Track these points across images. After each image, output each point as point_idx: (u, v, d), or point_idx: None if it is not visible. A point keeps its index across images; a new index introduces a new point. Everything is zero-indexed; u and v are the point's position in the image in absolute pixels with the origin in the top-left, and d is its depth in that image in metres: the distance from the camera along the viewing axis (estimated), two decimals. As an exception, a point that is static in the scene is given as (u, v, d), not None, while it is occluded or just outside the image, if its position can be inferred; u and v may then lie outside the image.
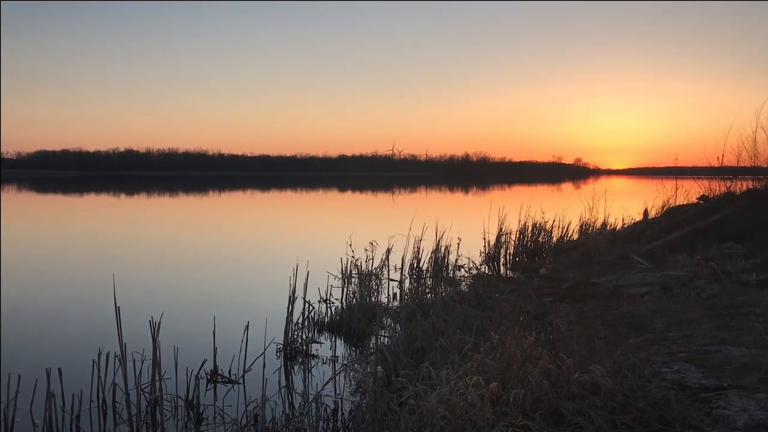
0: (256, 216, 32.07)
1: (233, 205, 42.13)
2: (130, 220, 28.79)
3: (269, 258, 16.29)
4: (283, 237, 21.57)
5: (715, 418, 4.44)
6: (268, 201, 47.35)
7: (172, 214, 33.51)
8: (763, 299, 7.77)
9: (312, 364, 7.43)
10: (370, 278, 10.24)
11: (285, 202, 45.48)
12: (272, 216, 31.99)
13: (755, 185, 14.37)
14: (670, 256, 11.39)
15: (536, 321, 7.49)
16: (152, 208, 38.02)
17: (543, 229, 17.14)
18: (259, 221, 28.63)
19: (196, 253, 17.14)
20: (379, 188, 71.03)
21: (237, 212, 34.97)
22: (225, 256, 16.67)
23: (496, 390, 4.26)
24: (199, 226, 26.08)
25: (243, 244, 19.35)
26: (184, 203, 42.97)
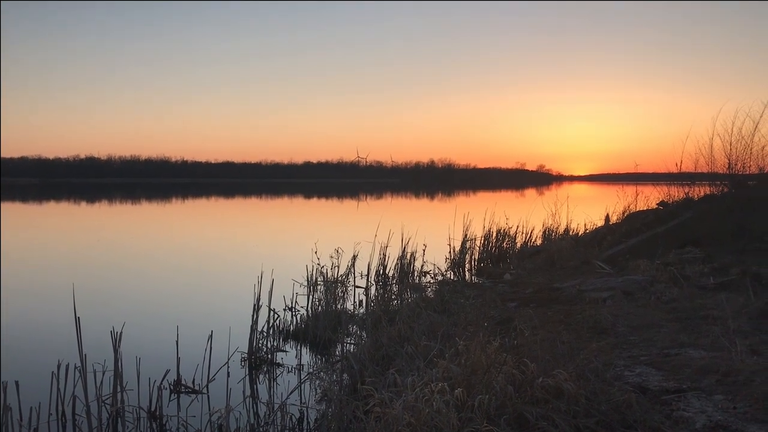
0: (220, 223, 31.75)
1: (197, 212, 41.65)
2: (91, 228, 28.24)
3: (233, 266, 16.14)
4: (248, 245, 21.38)
5: (675, 420, 4.53)
6: (232, 208, 46.92)
7: (134, 222, 32.99)
8: (721, 303, 7.95)
9: (277, 373, 7.37)
10: (335, 285, 10.22)
11: (249, 210, 45.13)
12: (236, 223, 31.70)
13: (712, 191, 14.71)
14: (631, 260, 11.58)
15: (501, 326, 7.55)
16: (114, 216, 37.36)
17: (507, 235, 17.32)
18: (223, 229, 28.34)
19: (159, 262, 16.89)
20: (345, 195, 70.99)
21: (200, 220, 34.59)
22: (188, 264, 16.47)
23: (461, 396, 4.28)
24: (162, 234, 25.72)
25: (206, 252, 19.13)
26: (147, 211, 42.34)
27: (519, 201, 50.99)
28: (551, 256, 14.07)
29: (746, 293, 8.27)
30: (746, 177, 14.28)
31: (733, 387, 5.10)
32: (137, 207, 46.60)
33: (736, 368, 5.44)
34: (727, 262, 10.21)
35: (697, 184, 15.22)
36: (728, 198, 13.58)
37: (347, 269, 11.15)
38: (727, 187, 14.24)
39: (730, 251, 10.84)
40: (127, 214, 39.25)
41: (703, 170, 14.90)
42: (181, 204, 51.06)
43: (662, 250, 11.76)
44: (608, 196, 21.14)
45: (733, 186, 14.07)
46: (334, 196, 68.67)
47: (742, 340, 6.32)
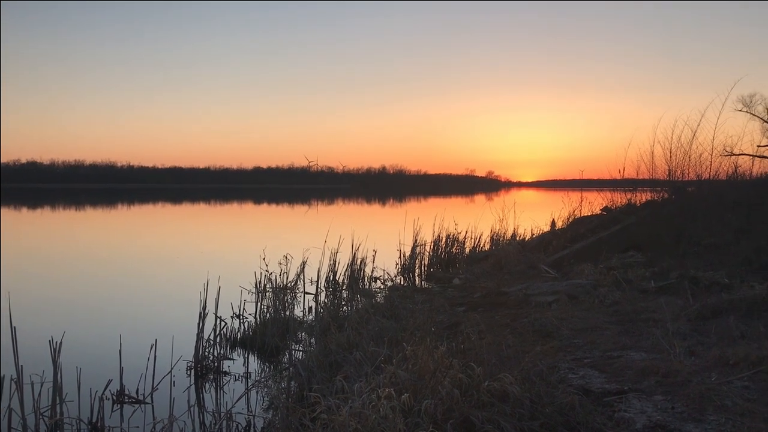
0: (167, 230, 31.17)
1: (143, 218, 40.77)
2: (30, 234, 27.32)
3: (179, 273, 15.84)
4: (195, 251, 21.02)
5: (617, 421, 4.63)
6: (179, 214, 46.11)
7: (77, 228, 32.07)
8: (661, 306, 8.18)
9: (224, 382, 7.26)
10: (284, 292, 10.12)
11: (197, 216, 44.40)
12: (183, 230, 31.17)
13: (654, 197, 15.18)
14: (576, 265, 11.82)
15: (449, 331, 7.61)
16: (55, 222, 36.24)
17: (456, 240, 17.48)
18: (170, 235, 27.82)
19: (102, 269, 16.45)
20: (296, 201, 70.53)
21: (147, 226, 33.87)
22: (133, 271, 16.10)
23: (407, 401, 4.29)
24: (106, 240, 25.08)
25: (152, 259, 18.74)
26: (91, 217, 41.21)
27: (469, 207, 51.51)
28: (499, 260, 14.25)
29: (685, 296, 8.54)
30: (685, 183, 14.78)
31: (671, 387, 5.25)
32: (81, 213, 45.33)
33: (675, 369, 5.61)
34: (667, 266, 10.52)
35: (639, 191, 15.69)
36: (668, 204, 14.02)
37: (296, 275, 11.06)
38: (667, 193, 14.72)
39: (670, 255, 11.17)
40: (70, 220, 38.13)
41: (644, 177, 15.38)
42: (126, 210, 49.92)
43: (606, 255, 12.05)
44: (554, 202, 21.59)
45: (673, 192, 14.53)
46: (284, 201, 68.15)
47: (680, 341, 6.53)
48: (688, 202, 13.59)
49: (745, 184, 14.64)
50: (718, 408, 4.73)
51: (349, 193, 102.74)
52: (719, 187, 14.21)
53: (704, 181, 14.51)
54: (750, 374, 5.39)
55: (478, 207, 25.90)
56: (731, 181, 14.81)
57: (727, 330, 6.79)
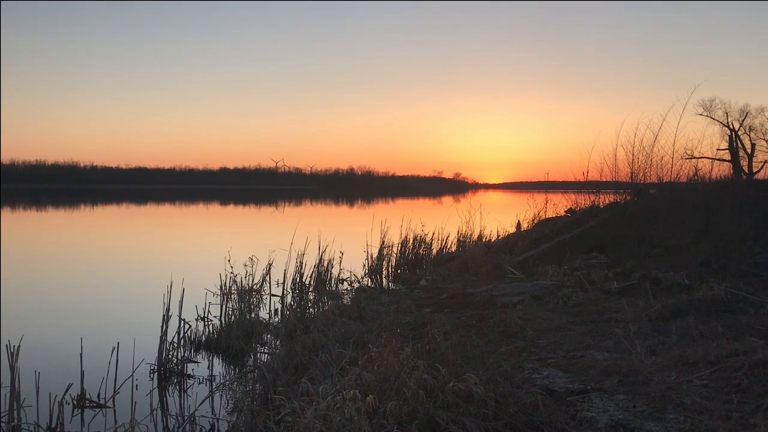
0: (130, 231, 30.69)
1: (106, 219, 40.08)
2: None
3: (143, 275, 15.61)
4: (159, 253, 20.74)
5: (580, 420, 4.70)
6: (143, 215, 45.44)
7: (38, 229, 31.38)
8: (623, 306, 8.32)
9: (188, 385, 7.18)
10: (250, 294, 10.04)
11: (162, 217, 43.81)
12: (147, 231, 30.73)
13: (616, 199, 15.45)
14: (541, 266, 11.96)
15: (415, 332, 7.63)
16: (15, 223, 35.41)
17: (423, 242, 17.55)
18: (134, 236, 27.40)
19: (64, 271, 16.14)
20: (263, 202, 70.04)
21: (110, 227, 33.31)
22: (95, 273, 15.81)
23: (372, 403, 4.29)
24: (68, 242, 24.60)
25: (114, 261, 18.42)
26: (52, 218, 40.36)
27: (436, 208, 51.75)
28: (465, 262, 14.34)
29: (646, 296, 8.69)
30: (647, 185, 15.08)
31: (633, 387, 5.34)
32: (42, 214, 44.33)
33: (636, 369, 5.70)
34: (630, 267, 10.70)
35: (602, 193, 15.95)
36: (631, 206, 14.26)
37: (262, 277, 10.99)
38: (629, 195, 14.98)
39: (632, 257, 11.35)
40: (31, 221, 37.28)
41: (608, 179, 15.65)
42: (90, 211, 49.01)
43: (570, 256, 12.21)
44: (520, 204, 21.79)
45: (635, 194, 14.80)
46: (251, 203, 67.63)
47: (642, 341, 6.64)
48: (650, 204, 13.85)
49: (705, 187, 14.97)
50: (677, 406, 4.83)
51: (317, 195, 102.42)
52: (680, 190, 14.52)
53: (665, 184, 14.82)
54: (708, 373, 5.50)
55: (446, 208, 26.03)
56: (692, 184, 15.14)
57: (687, 330, 6.92)
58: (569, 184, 18.85)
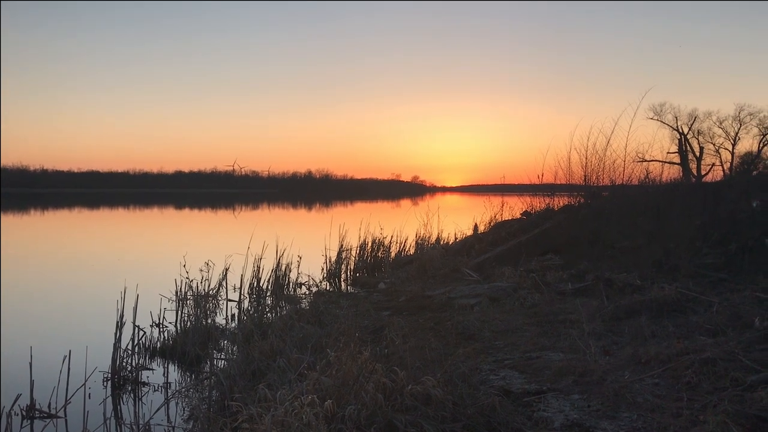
0: (82, 236, 29.97)
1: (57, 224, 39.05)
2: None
3: (95, 281, 15.26)
4: (112, 258, 20.29)
5: (536, 421, 4.76)
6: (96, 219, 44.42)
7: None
8: (577, 307, 8.46)
9: (142, 392, 7.04)
10: (206, 300, 9.91)
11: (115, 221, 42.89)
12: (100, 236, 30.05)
13: (570, 201, 15.72)
14: (497, 268, 12.08)
15: (374, 335, 7.64)
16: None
17: (382, 245, 17.58)
18: (86, 241, 26.76)
19: (11, 278, 15.64)
20: (219, 205, 69.19)
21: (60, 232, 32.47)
22: (45, 279, 15.39)
23: (331, 407, 4.27)
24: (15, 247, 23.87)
25: (65, 267, 17.96)
26: (0, 223, 39.14)
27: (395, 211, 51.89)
28: (423, 264, 14.41)
29: (600, 297, 8.86)
30: (600, 188, 15.40)
31: (587, 386, 5.44)
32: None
33: (591, 368, 5.82)
34: (584, 268, 10.90)
35: (557, 195, 16.23)
36: (584, 208, 14.53)
37: (218, 282, 10.85)
38: (583, 198, 15.27)
39: (586, 258, 11.57)
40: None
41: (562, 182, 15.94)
42: (40, 216, 47.64)
43: (525, 258, 12.37)
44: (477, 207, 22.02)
45: (589, 197, 15.09)
46: (207, 206, 66.73)
47: (596, 341, 6.77)
48: (603, 206, 14.13)
49: (655, 189, 15.36)
50: (630, 405, 4.93)
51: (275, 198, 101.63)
52: (632, 192, 14.86)
53: (618, 187, 15.15)
54: (660, 371, 5.64)
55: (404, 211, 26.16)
56: (643, 187, 15.51)
57: (640, 330, 7.08)
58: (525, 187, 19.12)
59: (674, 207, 12.84)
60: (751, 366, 5.43)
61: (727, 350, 5.83)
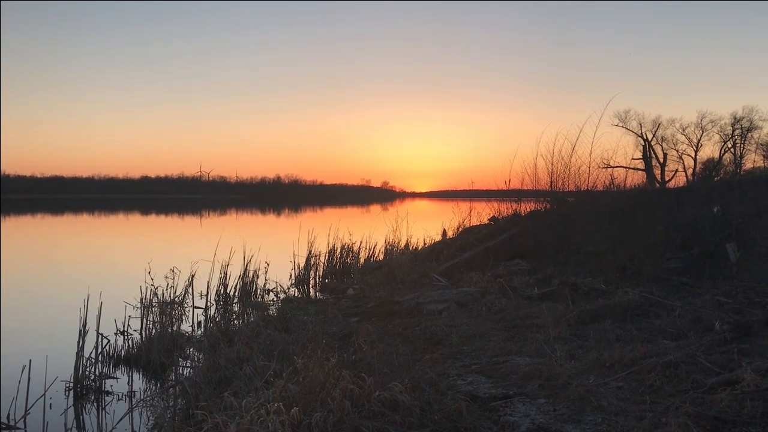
0: (45, 242, 29.37)
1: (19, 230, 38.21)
2: None
3: (58, 288, 14.96)
4: (75, 265, 19.93)
5: (502, 425, 4.79)
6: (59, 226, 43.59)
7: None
8: (544, 312, 8.55)
9: (106, 402, 6.91)
10: (172, 307, 9.78)
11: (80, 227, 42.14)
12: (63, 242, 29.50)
13: (537, 207, 15.91)
14: (465, 273, 12.16)
15: (342, 342, 7.61)
16: None
17: (351, 251, 17.54)
18: (48, 248, 26.23)
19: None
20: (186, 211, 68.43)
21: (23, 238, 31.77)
22: (5, 286, 15.03)
23: (297, 415, 4.24)
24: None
25: (27, 273, 17.58)
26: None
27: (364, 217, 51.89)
28: (392, 270, 14.42)
29: (566, 302, 8.97)
30: (566, 194, 15.61)
31: (553, 390, 5.50)
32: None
33: (556, 373, 5.88)
34: (550, 273, 11.03)
35: (524, 201, 16.41)
36: (550, 214, 14.72)
37: (184, 289, 10.71)
38: (549, 203, 15.46)
39: (553, 263, 11.71)
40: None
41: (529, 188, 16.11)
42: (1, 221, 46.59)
43: (493, 263, 12.47)
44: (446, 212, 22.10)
45: (555, 202, 15.29)
46: (173, 212, 65.95)
47: (561, 346, 6.85)
48: (569, 212, 14.33)
49: (620, 195, 15.62)
50: (595, 408, 5.00)
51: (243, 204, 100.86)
52: (597, 198, 15.09)
53: (583, 192, 15.38)
54: (624, 375, 5.72)
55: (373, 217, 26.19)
56: (608, 192, 15.77)
57: (604, 334, 7.19)
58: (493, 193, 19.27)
59: (638, 212, 13.07)
60: (712, 368, 5.55)
61: (689, 353, 5.95)
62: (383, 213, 29.42)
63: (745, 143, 46.83)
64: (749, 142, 46.43)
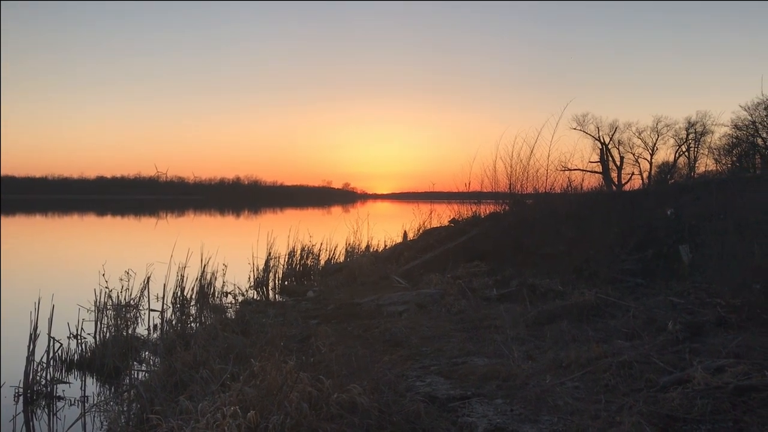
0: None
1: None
2: None
3: (7, 291, 14.53)
4: (26, 267, 19.40)
5: (460, 426, 4.81)
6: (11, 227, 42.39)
7: None
8: (502, 313, 8.63)
9: (57, 407, 6.74)
10: (127, 310, 9.58)
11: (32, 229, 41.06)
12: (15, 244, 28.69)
13: (496, 209, 16.09)
14: (426, 275, 12.21)
15: (301, 344, 7.56)
16: None
17: (311, 253, 17.46)
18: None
19: None
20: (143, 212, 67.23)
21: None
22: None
23: (254, 418, 4.19)
24: None
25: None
26: None
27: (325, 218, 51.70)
28: (353, 272, 14.41)
29: (524, 303, 9.07)
30: (524, 196, 15.82)
31: (511, 391, 5.55)
32: None
33: (514, 373, 5.93)
34: (508, 274, 11.14)
35: (483, 203, 16.57)
36: (509, 216, 14.88)
37: (140, 292, 10.51)
38: (508, 205, 15.64)
39: (511, 265, 11.83)
40: None
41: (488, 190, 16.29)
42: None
43: (453, 265, 12.55)
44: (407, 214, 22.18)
45: (513, 205, 15.47)
46: (130, 213, 64.73)
47: (519, 346, 6.92)
48: (527, 214, 14.51)
49: (577, 198, 15.88)
50: (551, 408, 5.06)
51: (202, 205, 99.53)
52: (554, 200, 15.32)
53: (541, 195, 15.61)
54: (580, 375, 5.81)
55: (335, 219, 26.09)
56: (565, 195, 16.02)
57: (561, 334, 7.28)
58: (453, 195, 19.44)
59: (595, 215, 13.30)
60: (664, 368, 5.67)
61: (643, 353, 6.08)
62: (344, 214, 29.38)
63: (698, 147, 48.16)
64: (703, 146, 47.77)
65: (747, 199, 11.98)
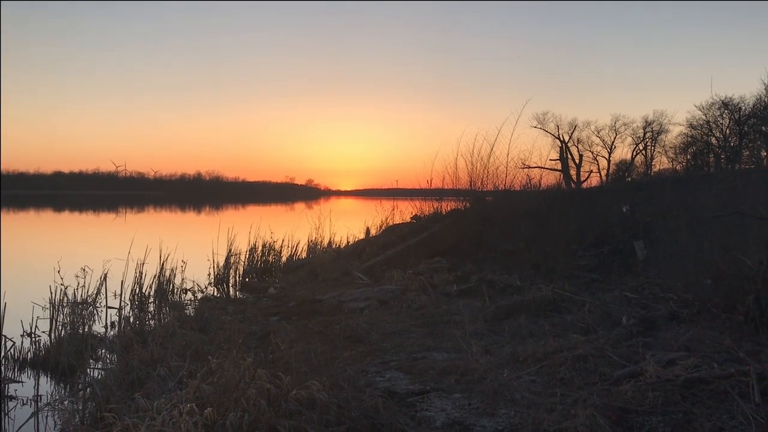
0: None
1: None
2: None
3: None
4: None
5: (419, 420, 4.86)
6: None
7: None
8: (461, 308, 8.72)
9: (9, 407, 6.58)
10: (83, 307, 9.41)
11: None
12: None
13: (457, 206, 16.22)
14: (387, 271, 12.26)
15: (261, 341, 7.53)
16: None
17: (273, 249, 17.35)
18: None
19: None
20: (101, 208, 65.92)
21: None
22: None
23: (211, 415, 4.17)
24: None
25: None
26: None
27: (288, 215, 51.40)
28: (315, 268, 14.38)
29: (483, 299, 9.18)
30: (485, 193, 15.98)
31: (469, 385, 5.61)
32: None
33: (472, 368, 6.01)
34: (468, 270, 11.26)
35: (445, 200, 16.69)
36: (470, 213, 15.03)
37: (96, 289, 10.33)
38: (469, 202, 15.79)
39: (471, 261, 11.95)
40: None
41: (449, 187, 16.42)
42: None
43: (414, 261, 12.62)
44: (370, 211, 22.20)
45: (474, 201, 15.62)
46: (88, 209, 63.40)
47: (478, 341, 7.00)
48: (487, 211, 14.67)
49: (536, 195, 16.12)
50: (508, 402, 5.13)
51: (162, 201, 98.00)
52: (514, 198, 15.52)
53: (501, 192, 15.79)
54: (536, 369, 5.90)
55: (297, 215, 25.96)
56: (524, 192, 16.24)
57: (519, 329, 7.39)
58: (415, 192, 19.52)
59: (553, 212, 13.51)
60: (618, 361, 5.80)
61: (598, 347, 6.20)
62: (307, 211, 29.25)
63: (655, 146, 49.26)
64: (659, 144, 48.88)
65: (699, 197, 12.31)
